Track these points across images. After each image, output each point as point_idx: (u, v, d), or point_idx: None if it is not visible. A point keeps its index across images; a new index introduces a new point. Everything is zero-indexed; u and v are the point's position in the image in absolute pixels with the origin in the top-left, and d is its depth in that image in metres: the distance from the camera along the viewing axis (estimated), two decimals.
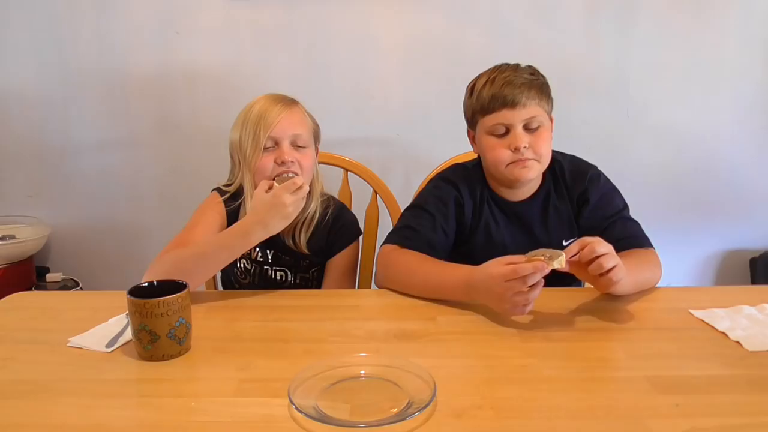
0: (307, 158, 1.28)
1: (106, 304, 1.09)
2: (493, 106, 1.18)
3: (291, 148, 1.26)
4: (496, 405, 0.77)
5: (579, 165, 1.30)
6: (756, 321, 1.01)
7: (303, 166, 1.26)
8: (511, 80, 1.18)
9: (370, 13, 2.08)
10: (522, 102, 1.17)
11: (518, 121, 1.18)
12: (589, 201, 1.26)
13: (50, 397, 0.80)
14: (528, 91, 1.17)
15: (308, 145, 1.29)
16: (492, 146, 1.21)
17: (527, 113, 1.17)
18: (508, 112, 1.17)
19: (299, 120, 1.29)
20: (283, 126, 1.25)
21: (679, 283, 1.27)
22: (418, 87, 2.13)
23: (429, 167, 1.58)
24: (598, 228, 1.23)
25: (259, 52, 2.12)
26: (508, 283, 0.97)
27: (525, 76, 1.19)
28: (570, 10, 2.07)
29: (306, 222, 1.33)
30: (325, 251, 1.36)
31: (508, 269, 0.97)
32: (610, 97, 2.13)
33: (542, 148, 1.19)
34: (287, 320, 1.06)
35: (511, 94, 1.17)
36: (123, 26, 2.10)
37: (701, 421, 0.73)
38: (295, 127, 1.27)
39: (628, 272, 1.07)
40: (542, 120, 1.19)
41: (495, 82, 1.19)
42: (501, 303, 1.00)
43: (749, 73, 2.12)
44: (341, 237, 1.37)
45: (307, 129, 1.30)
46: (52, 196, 2.25)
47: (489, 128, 1.20)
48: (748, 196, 2.22)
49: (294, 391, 0.77)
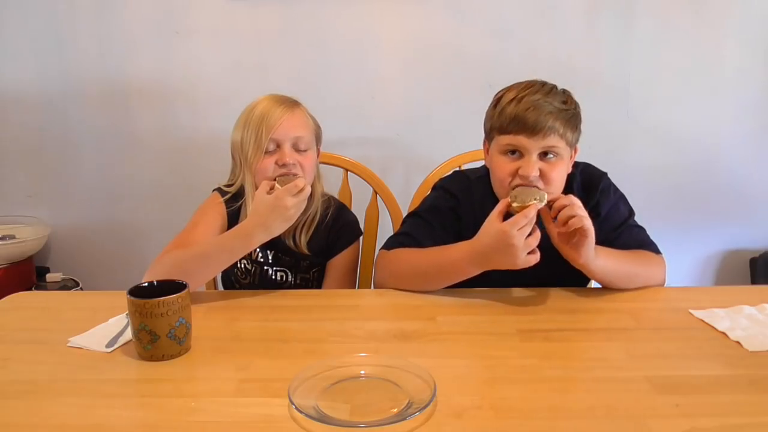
0: (309, 160, 1.28)
1: (106, 304, 1.09)
2: (513, 128, 1.12)
3: (292, 150, 1.25)
4: (496, 405, 0.77)
5: (591, 175, 1.27)
6: (756, 321, 1.01)
7: (304, 168, 1.26)
8: (538, 105, 1.10)
9: (370, 13, 2.08)
10: (544, 131, 1.10)
11: (534, 149, 1.11)
12: (600, 214, 1.22)
13: (50, 397, 0.80)
14: (553, 121, 1.10)
15: (310, 147, 1.29)
16: (501, 166, 1.15)
17: (545, 143, 1.11)
18: (525, 138, 1.11)
19: (301, 122, 1.29)
20: (285, 128, 1.25)
21: (679, 283, 1.27)
22: (418, 87, 2.13)
23: (429, 167, 1.57)
24: (607, 239, 1.20)
25: (259, 52, 2.12)
26: (519, 231, 1.01)
27: (555, 104, 1.11)
28: (570, 10, 2.07)
29: (307, 223, 1.33)
30: (326, 252, 1.36)
31: (512, 220, 1.02)
32: (610, 97, 2.13)
33: (553, 178, 1.12)
34: (287, 320, 1.06)
35: (534, 121, 1.09)
36: (123, 26, 2.10)
37: (701, 421, 0.73)
38: (297, 129, 1.26)
39: (609, 255, 1.12)
40: (560, 151, 1.13)
41: (521, 102, 1.11)
42: (518, 252, 1.02)
43: (749, 74, 2.12)
44: (341, 237, 1.37)
45: (309, 131, 1.30)
46: (52, 196, 2.25)
47: (503, 147, 1.15)
48: (748, 196, 2.22)
49: (294, 391, 0.77)
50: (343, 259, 1.36)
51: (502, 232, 1.03)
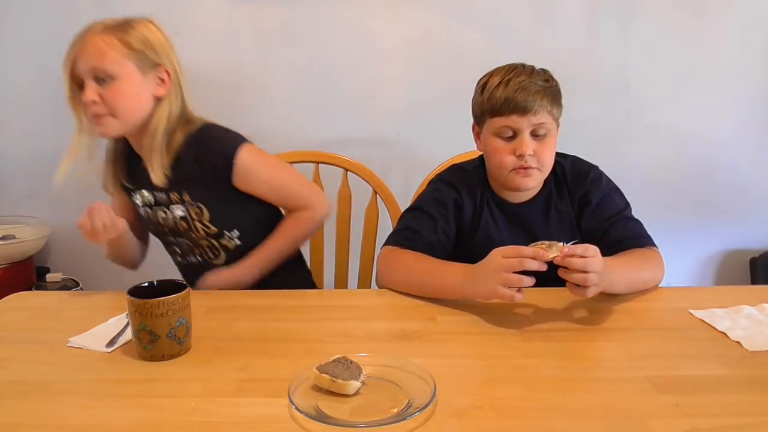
0: (114, 92, 1.13)
1: (106, 304, 1.09)
2: (504, 109, 1.17)
3: (94, 84, 1.12)
4: (496, 405, 0.77)
5: (580, 166, 1.30)
6: (756, 321, 1.01)
7: (109, 103, 1.12)
8: (525, 86, 1.16)
9: (370, 13, 2.08)
10: (534, 109, 1.15)
11: (527, 127, 1.16)
12: (591, 203, 1.25)
13: (50, 397, 0.80)
14: (541, 99, 1.16)
15: (115, 76, 1.13)
16: (497, 149, 1.20)
17: (537, 120, 1.16)
18: (518, 117, 1.16)
19: (94, 49, 1.13)
20: (79, 62, 1.12)
21: (679, 283, 1.27)
22: (418, 87, 2.13)
23: (429, 167, 1.57)
24: (600, 229, 1.23)
25: (259, 52, 2.11)
26: (505, 260, 0.98)
27: (539, 82, 1.17)
28: (570, 10, 2.07)
29: (155, 154, 1.19)
30: (208, 182, 1.24)
31: (509, 247, 0.99)
32: (610, 98, 2.13)
33: (546, 156, 1.19)
34: (287, 320, 1.06)
35: (524, 100, 1.15)
36: None
37: (701, 421, 0.73)
38: (91, 59, 1.12)
39: (624, 272, 1.08)
40: (550, 128, 1.19)
41: (509, 85, 1.17)
42: (495, 280, 0.98)
43: (749, 74, 2.12)
44: (215, 154, 1.23)
45: (108, 57, 1.14)
46: (52, 196, 2.25)
47: (496, 130, 1.19)
48: (748, 196, 2.22)
49: (294, 391, 0.77)
50: (247, 173, 1.22)
51: (492, 253, 1.01)
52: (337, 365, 0.81)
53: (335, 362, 0.82)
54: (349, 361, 0.83)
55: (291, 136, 2.09)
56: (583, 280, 0.97)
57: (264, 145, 1.33)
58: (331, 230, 1.61)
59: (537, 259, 0.96)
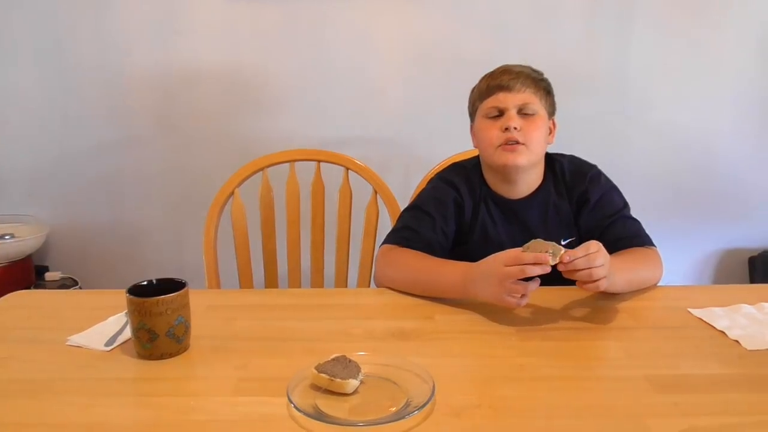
0: None
1: (105, 302, 1.09)
2: (491, 90, 1.22)
3: None
4: (494, 404, 0.77)
5: (579, 165, 1.30)
6: (754, 320, 1.01)
7: None
8: (509, 69, 1.23)
9: (370, 13, 2.08)
10: (517, 87, 1.20)
11: (512, 105, 1.20)
12: (589, 201, 1.25)
13: (49, 396, 0.80)
14: (525, 79, 1.21)
15: None
16: (485, 128, 1.23)
17: (522, 98, 1.20)
18: (502, 94, 1.21)
19: None
20: None
21: (677, 282, 1.27)
22: (417, 87, 2.13)
23: (429, 167, 1.57)
24: (598, 228, 1.23)
25: (259, 52, 2.11)
26: (507, 269, 0.97)
27: (526, 70, 1.23)
28: (570, 10, 2.07)
29: None
30: None
31: (511, 254, 0.98)
32: (610, 97, 2.14)
33: (533, 134, 1.19)
34: (286, 319, 1.06)
35: (508, 79, 1.21)
36: (122, 25, 2.10)
37: (700, 420, 0.73)
38: None
39: (623, 271, 1.07)
40: (537, 109, 1.21)
41: (495, 72, 1.25)
42: (498, 288, 0.99)
43: (748, 73, 2.12)
44: None
45: None
46: (51, 194, 2.25)
47: (485, 111, 1.23)
48: (747, 196, 2.22)
49: (293, 389, 0.77)
50: None
51: (494, 260, 1.01)
52: (335, 364, 0.81)
53: (334, 361, 0.82)
54: (347, 359, 0.83)
55: (291, 136, 2.09)
56: (590, 275, 0.97)
57: (264, 144, 1.33)
58: (331, 229, 1.61)
59: (539, 263, 0.95)
